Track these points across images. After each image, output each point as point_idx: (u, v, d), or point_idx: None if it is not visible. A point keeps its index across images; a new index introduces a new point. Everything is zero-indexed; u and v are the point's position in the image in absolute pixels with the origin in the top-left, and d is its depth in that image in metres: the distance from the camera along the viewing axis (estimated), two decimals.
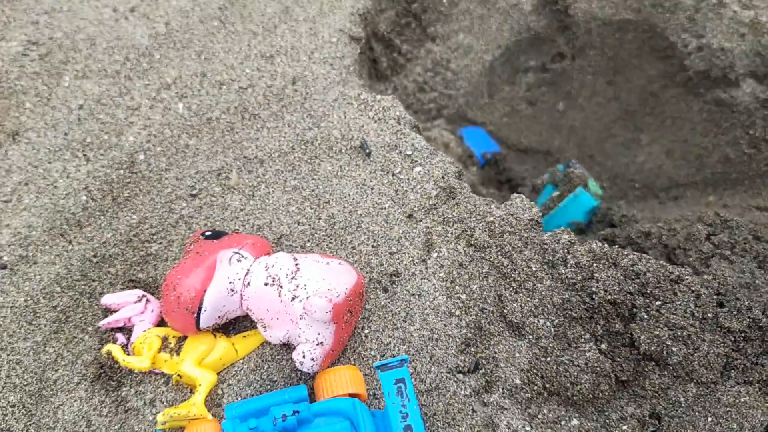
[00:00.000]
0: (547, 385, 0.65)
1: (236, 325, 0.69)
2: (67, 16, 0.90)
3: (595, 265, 0.68)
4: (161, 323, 0.68)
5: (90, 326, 0.69)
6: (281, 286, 0.63)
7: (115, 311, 0.69)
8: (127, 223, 0.74)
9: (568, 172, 0.93)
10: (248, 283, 0.64)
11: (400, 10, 1.06)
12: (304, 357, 0.62)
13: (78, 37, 0.87)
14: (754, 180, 0.95)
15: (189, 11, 0.91)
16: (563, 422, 0.63)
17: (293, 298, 0.62)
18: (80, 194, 0.75)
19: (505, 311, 0.69)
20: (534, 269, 0.71)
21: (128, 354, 0.66)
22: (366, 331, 0.69)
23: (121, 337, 0.68)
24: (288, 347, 0.67)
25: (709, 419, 0.61)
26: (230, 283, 0.64)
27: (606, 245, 0.70)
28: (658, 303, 0.64)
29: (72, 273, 0.71)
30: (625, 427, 0.63)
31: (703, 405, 0.62)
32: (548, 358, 0.66)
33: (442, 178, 0.78)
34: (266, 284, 0.63)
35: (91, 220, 0.74)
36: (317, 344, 0.62)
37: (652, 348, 0.62)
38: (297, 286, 0.63)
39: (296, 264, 0.65)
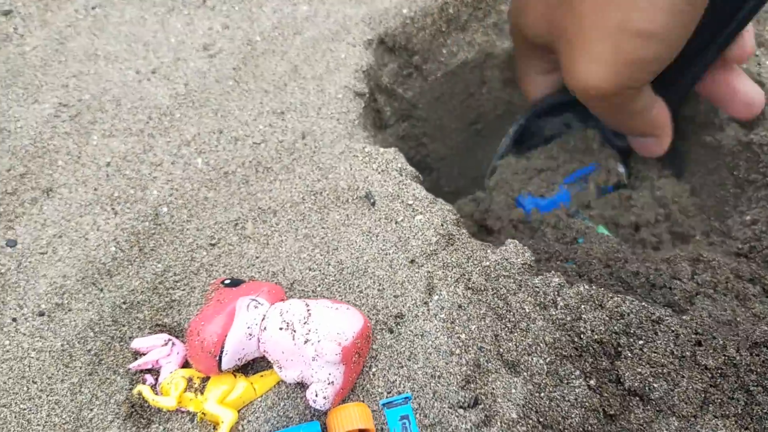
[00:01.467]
0: (541, 419, 0.70)
1: (254, 365, 0.75)
2: (93, 79, 0.97)
3: (582, 306, 0.74)
4: (186, 365, 0.74)
5: (121, 368, 0.75)
6: (295, 331, 0.69)
7: (144, 354, 0.75)
8: (153, 271, 0.81)
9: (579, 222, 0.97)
10: (265, 328, 0.70)
11: (402, 63, 1.13)
12: (316, 395, 0.68)
13: (104, 98, 0.95)
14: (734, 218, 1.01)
15: (206, 72, 0.99)
16: None
17: (306, 342, 0.68)
18: (110, 245, 0.82)
19: (501, 350, 0.75)
20: (527, 310, 0.77)
21: (157, 394, 0.72)
22: (373, 370, 0.75)
23: (150, 378, 0.74)
24: (302, 386, 0.73)
25: None
26: (248, 328, 0.70)
27: (593, 287, 0.76)
28: (641, 342, 0.70)
29: (104, 319, 0.77)
30: None
31: None
32: (541, 394, 0.71)
33: (442, 225, 0.84)
34: (281, 329, 0.70)
35: (120, 269, 0.81)
36: (328, 384, 0.68)
37: (636, 384, 0.68)
38: (309, 331, 0.69)
39: (308, 310, 0.71)
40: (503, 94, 1.24)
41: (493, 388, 0.73)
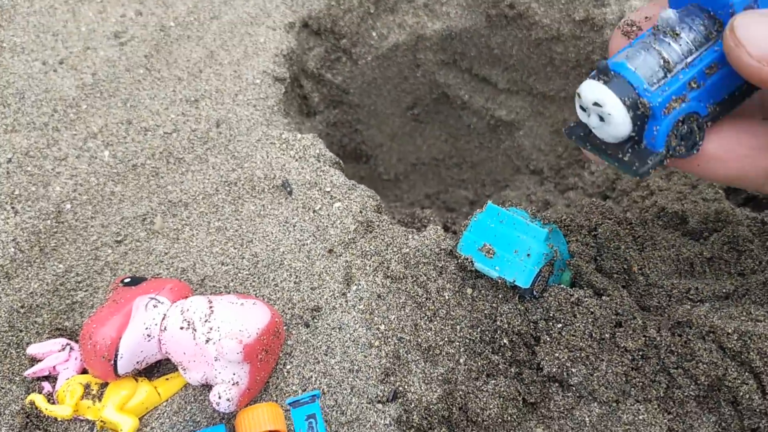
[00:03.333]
0: (461, 411, 0.67)
1: (160, 368, 0.71)
2: None
3: (500, 294, 0.71)
4: (86, 371, 0.70)
5: (17, 376, 0.70)
6: (195, 330, 0.65)
7: (41, 360, 0.70)
8: (54, 272, 0.76)
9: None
10: (165, 328, 0.66)
11: (329, 46, 1.09)
12: (219, 397, 0.64)
13: (7, 92, 0.90)
14: None
15: (116, 61, 0.94)
16: None
17: (207, 341, 0.64)
18: (8, 246, 0.77)
19: (420, 340, 0.72)
20: (447, 297, 0.73)
21: (53, 402, 0.68)
22: (288, 367, 0.71)
23: (47, 386, 0.69)
24: (210, 388, 0.69)
25: None
26: (147, 328, 0.66)
27: None
28: (559, 326, 0.67)
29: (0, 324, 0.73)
30: None
31: (606, 424, 0.64)
32: (461, 385, 0.68)
33: (360, 212, 0.80)
34: (182, 328, 0.66)
35: (18, 271, 0.76)
36: (232, 384, 0.64)
37: (554, 369, 0.65)
38: (210, 329, 0.65)
39: (210, 306, 0.67)
40: (438, 77, 1.20)
41: (413, 381, 0.69)
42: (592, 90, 0.53)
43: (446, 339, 0.71)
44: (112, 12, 1.01)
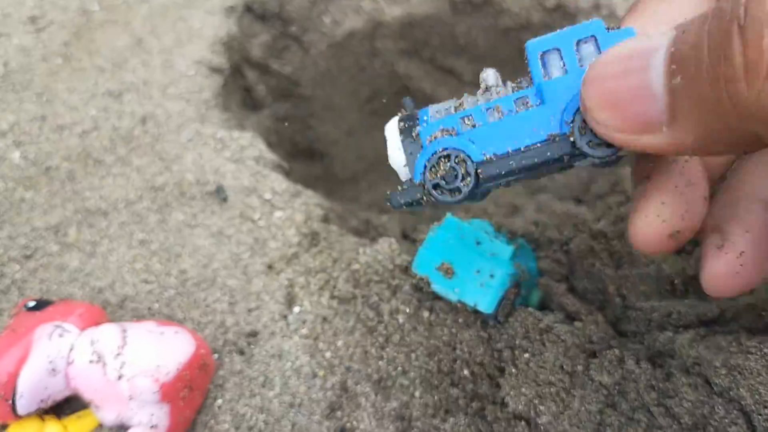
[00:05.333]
0: None
1: (72, 403, 0.62)
2: None
3: (461, 319, 0.63)
4: None
5: None
6: (106, 364, 0.56)
7: None
8: None
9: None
10: (72, 361, 0.57)
11: (276, 34, 0.99)
12: None
13: None
14: None
15: (31, 49, 0.83)
16: None
17: (119, 377, 0.55)
18: None
19: (371, 370, 0.63)
20: (401, 321, 0.65)
21: None
22: (219, 402, 0.62)
23: None
24: (125, 429, 0.60)
25: None
26: (51, 362, 0.57)
27: None
28: (526, 356, 0.59)
29: None
30: None
31: None
32: (417, 422, 0.60)
33: (305, 222, 0.72)
34: (91, 362, 0.57)
35: None
36: (150, 427, 0.56)
37: (521, 407, 0.57)
38: (123, 364, 0.56)
39: (124, 337, 0.58)
40: (399, 67, 1.11)
41: (363, 417, 0.61)
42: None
43: (400, 369, 0.63)
44: None
